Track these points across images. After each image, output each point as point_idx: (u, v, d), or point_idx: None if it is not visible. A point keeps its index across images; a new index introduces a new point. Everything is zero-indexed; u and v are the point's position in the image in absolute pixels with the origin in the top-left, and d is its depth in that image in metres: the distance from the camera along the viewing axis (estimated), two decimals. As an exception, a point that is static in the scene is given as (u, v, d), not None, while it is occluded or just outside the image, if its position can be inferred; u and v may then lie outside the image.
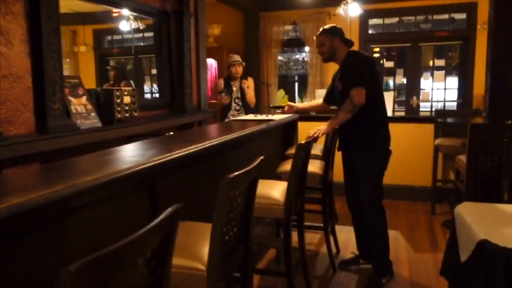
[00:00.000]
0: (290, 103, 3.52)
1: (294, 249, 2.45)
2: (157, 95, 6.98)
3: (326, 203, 3.02)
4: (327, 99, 3.30)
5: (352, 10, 5.53)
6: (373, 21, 6.71)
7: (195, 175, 2.26)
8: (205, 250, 1.39)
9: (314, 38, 3.12)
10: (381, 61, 7.22)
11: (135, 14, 4.71)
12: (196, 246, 1.45)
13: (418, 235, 3.84)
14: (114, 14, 6.48)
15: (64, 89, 2.86)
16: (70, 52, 7.27)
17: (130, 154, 1.97)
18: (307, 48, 7.10)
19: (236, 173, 1.35)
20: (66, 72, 6.51)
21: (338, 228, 3.61)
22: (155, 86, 7.46)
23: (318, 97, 5.84)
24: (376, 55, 7.35)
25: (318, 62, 6.66)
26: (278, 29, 6.82)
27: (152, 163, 1.60)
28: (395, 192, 4.51)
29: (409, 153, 4.71)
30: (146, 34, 7.00)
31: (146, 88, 7.48)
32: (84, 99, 3.11)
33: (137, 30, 6.70)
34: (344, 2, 5.48)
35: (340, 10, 5.56)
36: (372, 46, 6.88)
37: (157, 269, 0.98)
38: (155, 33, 4.32)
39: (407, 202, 4.72)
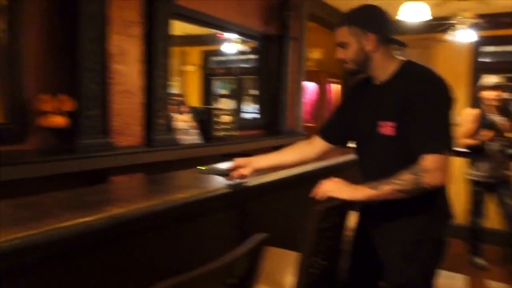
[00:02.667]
0: (244, 160, 1.76)
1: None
2: (255, 115, 7.22)
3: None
4: (332, 134, 1.86)
5: (463, 37, 5.16)
6: (488, 48, 6.20)
7: (288, 199, 2.23)
8: (288, 280, 1.35)
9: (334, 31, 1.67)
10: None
11: (240, 37, 4.95)
12: (280, 275, 1.41)
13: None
14: (221, 37, 6.89)
15: (170, 106, 3.06)
16: (179, 71, 7.83)
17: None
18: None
19: (328, 204, 1.30)
20: (174, 90, 7.01)
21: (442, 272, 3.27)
22: (254, 106, 7.71)
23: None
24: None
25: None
26: (380, 54, 6.64)
27: (241, 187, 1.61)
28: (495, 238, 3.99)
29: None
30: (250, 56, 7.31)
31: (245, 107, 7.77)
32: (187, 116, 3.30)
33: (241, 52, 7.03)
34: (452, 27, 5.14)
35: (449, 36, 5.23)
36: (484, 75, 6.35)
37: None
38: (258, 55, 4.46)
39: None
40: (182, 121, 3.23)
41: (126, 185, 2.02)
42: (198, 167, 1.77)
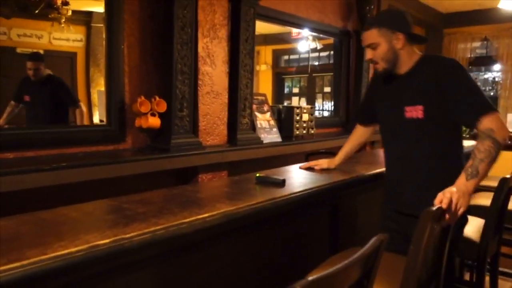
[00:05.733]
0: (319, 165, 2.10)
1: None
2: (326, 113, 7.12)
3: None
4: (364, 118, 2.10)
5: None
6: None
7: (377, 198, 2.18)
8: (391, 282, 1.32)
9: (362, 35, 1.82)
10: None
11: (316, 34, 4.90)
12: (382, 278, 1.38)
13: None
14: (293, 36, 6.87)
15: (252, 105, 3.11)
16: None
17: (312, 173, 2.01)
18: (497, 67, 6.34)
19: (438, 206, 1.24)
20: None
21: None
22: (325, 103, 7.64)
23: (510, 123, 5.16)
24: None
25: (513, 82, 5.87)
26: (465, 46, 6.24)
27: (337, 183, 1.60)
28: None
29: None
30: (321, 54, 7.23)
31: (317, 105, 7.71)
32: (268, 115, 3.33)
33: (313, 50, 6.97)
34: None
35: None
36: None
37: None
38: (335, 52, 4.40)
39: None
40: (264, 120, 3.27)
41: (223, 182, 2.09)
42: (257, 174, 1.79)
